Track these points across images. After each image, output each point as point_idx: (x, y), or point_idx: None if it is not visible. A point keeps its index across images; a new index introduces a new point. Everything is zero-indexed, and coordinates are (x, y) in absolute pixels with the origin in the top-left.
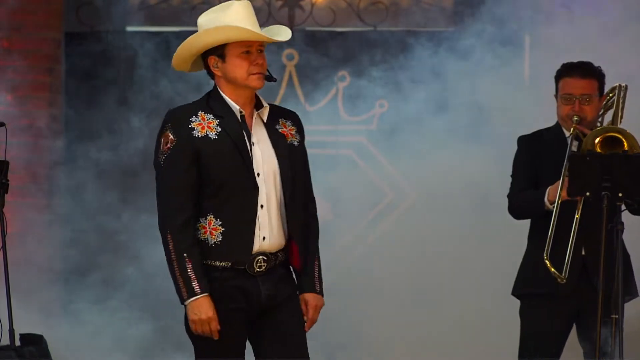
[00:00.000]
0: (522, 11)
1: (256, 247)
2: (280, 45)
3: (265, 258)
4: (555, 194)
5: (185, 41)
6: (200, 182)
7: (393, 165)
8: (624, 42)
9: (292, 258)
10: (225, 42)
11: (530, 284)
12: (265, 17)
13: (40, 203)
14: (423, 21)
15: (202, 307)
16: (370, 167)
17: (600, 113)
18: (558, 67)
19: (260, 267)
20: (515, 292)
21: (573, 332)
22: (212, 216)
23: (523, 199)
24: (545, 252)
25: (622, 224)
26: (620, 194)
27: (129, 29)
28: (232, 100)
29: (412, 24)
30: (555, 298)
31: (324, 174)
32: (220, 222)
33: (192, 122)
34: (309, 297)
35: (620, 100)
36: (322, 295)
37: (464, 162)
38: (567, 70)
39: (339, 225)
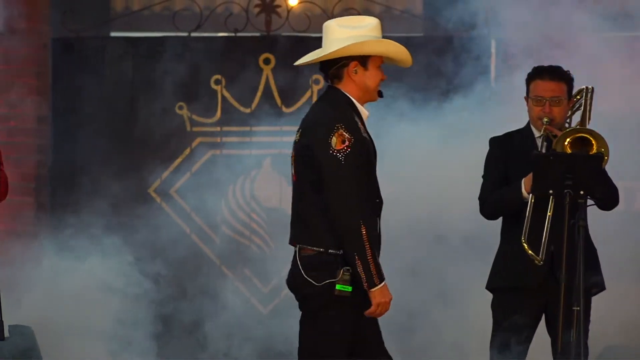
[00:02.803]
0: (489, 16)
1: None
2: (257, 50)
3: None
4: (530, 183)
5: (348, 47)
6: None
7: None
8: (590, 47)
9: None
10: (386, 55)
11: (501, 278)
12: (243, 23)
13: (28, 201)
14: (394, 27)
15: (387, 290)
16: None
17: (569, 115)
18: (523, 71)
19: None
20: (488, 286)
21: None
22: None
23: (498, 196)
24: (523, 236)
25: (585, 220)
26: (581, 192)
27: (113, 34)
28: (360, 106)
29: (384, 30)
30: (524, 292)
31: None
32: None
33: (357, 122)
34: None
35: (588, 102)
36: None
37: (438, 162)
38: (538, 74)
39: None
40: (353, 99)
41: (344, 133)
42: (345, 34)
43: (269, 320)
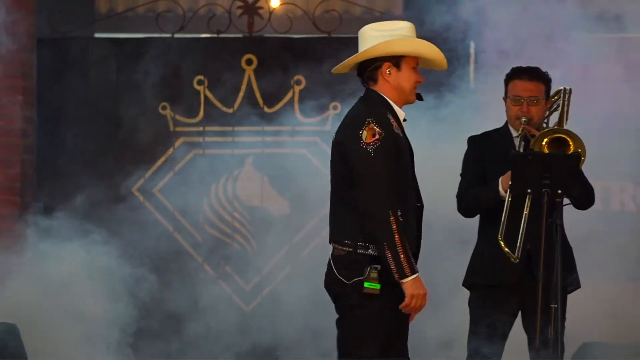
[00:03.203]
0: (469, 18)
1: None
2: (239, 50)
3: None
4: (507, 181)
5: (381, 43)
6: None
7: None
8: (566, 49)
9: None
10: (417, 54)
11: (478, 275)
12: (225, 24)
13: (14, 200)
14: None
15: (421, 283)
16: (324, 166)
17: (546, 115)
18: (502, 72)
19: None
20: (465, 283)
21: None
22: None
23: (475, 194)
24: (499, 234)
25: (562, 219)
26: (559, 191)
27: (98, 35)
28: (396, 106)
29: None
30: (501, 289)
31: (281, 172)
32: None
33: (389, 119)
34: None
35: (566, 103)
36: None
37: (415, 161)
38: (517, 74)
39: (296, 220)
40: (389, 100)
41: (375, 127)
42: (376, 36)
43: (251, 317)
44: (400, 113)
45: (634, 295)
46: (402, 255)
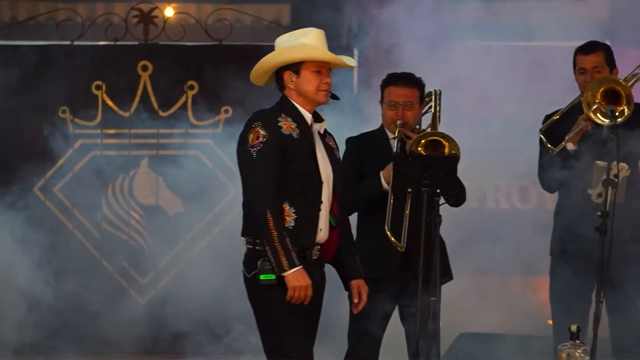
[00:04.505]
0: (353, 26)
1: (316, 237)
2: (135, 57)
3: (319, 247)
4: (388, 175)
5: (268, 56)
6: (282, 172)
7: (236, 165)
8: (443, 57)
9: (324, 252)
10: (305, 59)
11: None
12: (122, 32)
13: None
14: (264, 37)
15: (302, 276)
16: (216, 167)
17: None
18: (382, 77)
19: (315, 255)
20: None
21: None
22: (287, 204)
23: (358, 191)
24: (386, 224)
25: (440, 216)
26: (438, 190)
27: (0, 42)
28: (303, 109)
29: (254, 39)
30: (378, 282)
31: (174, 173)
32: (293, 210)
33: (279, 121)
34: (361, 282)
35: (438, 105)
36: None
37: None
38: (392, 80)
39: (189, 218)
40: (296, 104)
41: (260, 130)
42: (280, 45)
43: (146, 310)
44: (307, 115)
45: (508, 287)
46: (279, 251)
